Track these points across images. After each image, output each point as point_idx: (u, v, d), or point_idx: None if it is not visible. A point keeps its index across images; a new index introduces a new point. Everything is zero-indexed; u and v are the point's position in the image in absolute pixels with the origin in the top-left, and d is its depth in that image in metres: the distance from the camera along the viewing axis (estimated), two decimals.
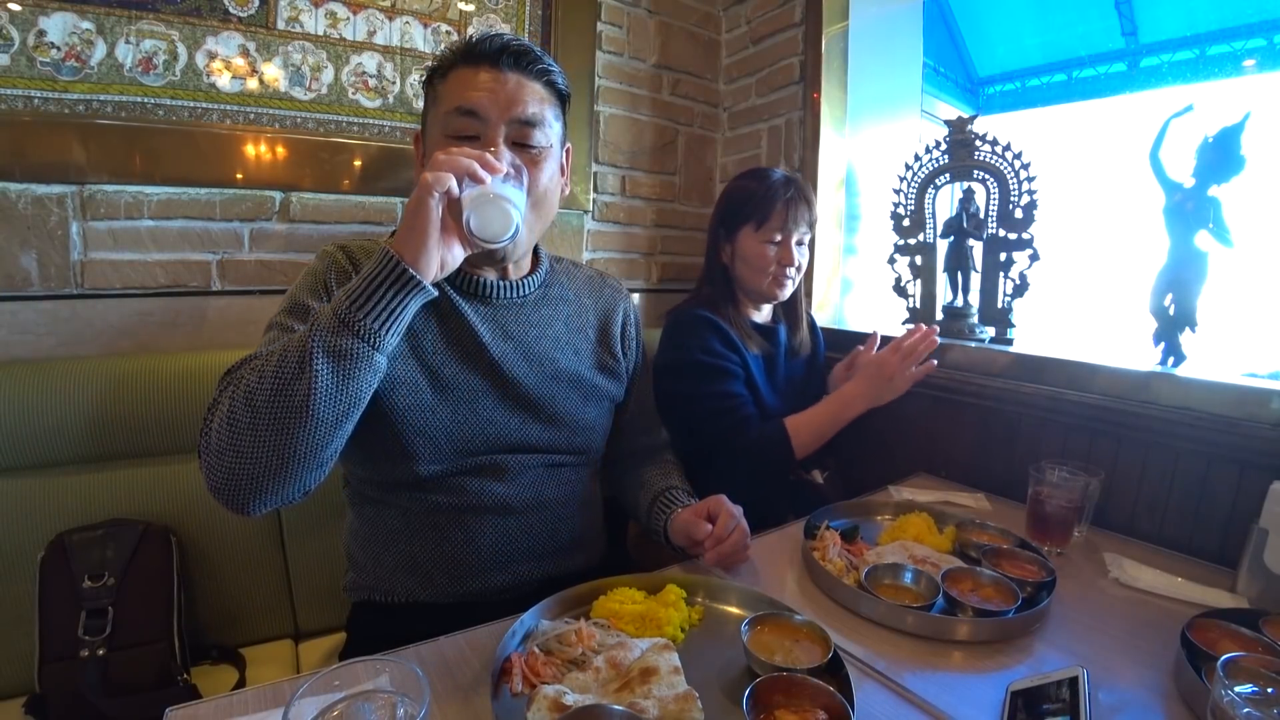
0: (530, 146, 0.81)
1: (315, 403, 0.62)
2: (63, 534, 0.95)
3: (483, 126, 0.78)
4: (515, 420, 0.87)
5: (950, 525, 0.96)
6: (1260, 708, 0.50)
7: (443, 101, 0.80)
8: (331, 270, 0.80)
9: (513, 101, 0.79)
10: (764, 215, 1.24)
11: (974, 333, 1.37)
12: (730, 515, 0.84)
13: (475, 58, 0.79)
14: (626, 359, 1.03)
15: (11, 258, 1.06)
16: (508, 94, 0.79)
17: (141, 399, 1.03)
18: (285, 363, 0.63)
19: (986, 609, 0.74)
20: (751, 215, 1.26)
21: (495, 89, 0.78)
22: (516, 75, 0.80)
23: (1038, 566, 0.83)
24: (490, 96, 0.78)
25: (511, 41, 0.80)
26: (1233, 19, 1.60)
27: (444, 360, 0.83)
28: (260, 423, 0.62)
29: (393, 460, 0.82)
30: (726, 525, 0.83)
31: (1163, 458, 0.95)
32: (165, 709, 0.56)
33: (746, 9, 1.78)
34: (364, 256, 0.82)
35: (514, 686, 0.60)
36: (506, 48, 0.80)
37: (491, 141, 0.78)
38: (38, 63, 1.04)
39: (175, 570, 0.99)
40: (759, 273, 1.27)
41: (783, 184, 1.26)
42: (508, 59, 0.80)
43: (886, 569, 0.82)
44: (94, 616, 0.91)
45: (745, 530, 0.85)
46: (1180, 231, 1.05)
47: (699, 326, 1.23)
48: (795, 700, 0.55)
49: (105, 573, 0.94)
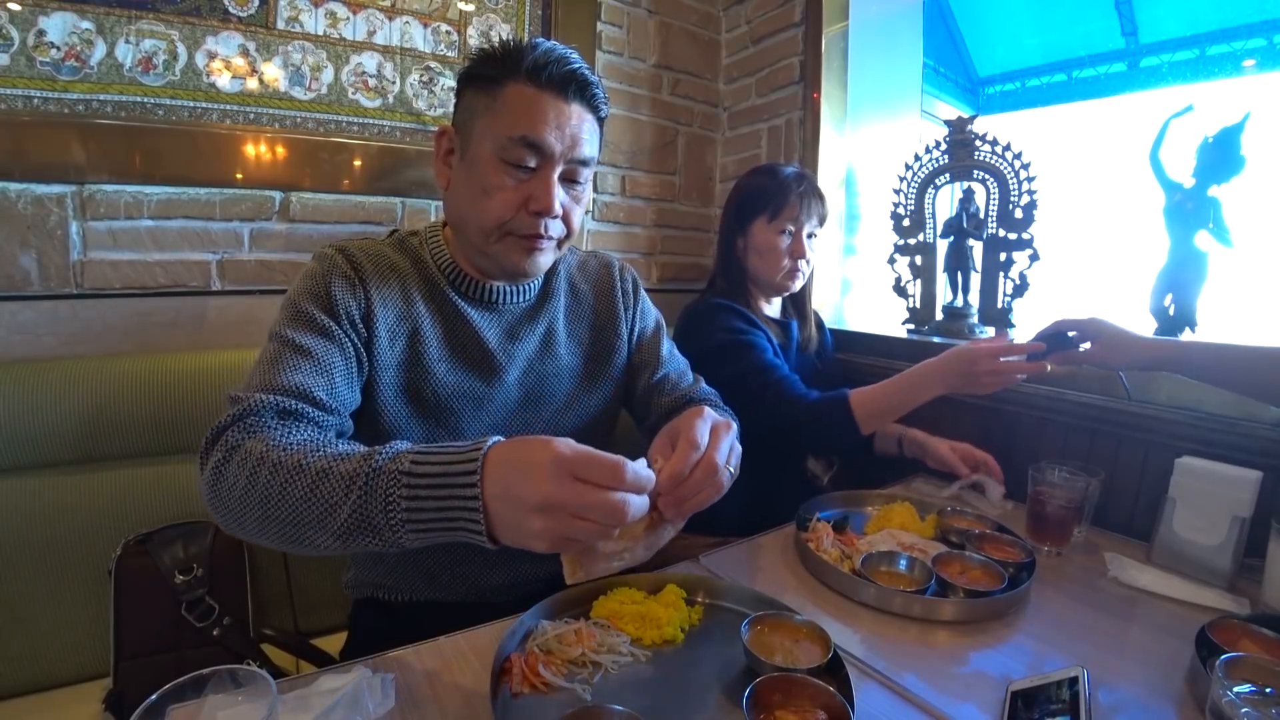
0: (577, 183, 0.80)
1: (324, 547, 0.58)
2: (140, 537, 0.99)
3: (541, 160, 0.75)
4: (518, 422, 0.87)
5: (932, 513, 1.00)
6: (1259, 708, 0.50)
7: (501, 118, 0.74)
8: (332, 274, 0.76)
9: (575, 141, 0.76)
10: (778, 207, 1.25)
11: (974, 333, 1.37)
12: (690, 444, 0.61)
13: (541, 81, 0.74)
14: (628, 314, 0.98)
15: (11, 258, 1.06)
16: (572, 131, 0.76)
17: (141, 399, 1.03)
18: (312, 496, 0.56)
19: (976, 590, 0.79)
20: (765, 207, 1.27)
21: (561, 123, 0.75)
22: (579, 107, 0.77)
23: (1017, 549, 0.89)
24: (557, 133, 0.75)
25: (578, 70, 0.76)
26: (1233, 19, 1.60)
27: (449, 368, 0.82)
28: (270, 529, 0.58)
29: None
30: (683, 460, 0.60)
31: (1163, 457, 0.95)
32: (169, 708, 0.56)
33: (746, 9, 1.78)
34: (364, 258, 0.79)
35: (514, 686, 0.60)
36: (574, 76, 0.75)
37: (546, 180, 0.76)
38: (37, 62, 1.04)
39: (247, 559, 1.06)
40: (771, 264, 1.27)
41: (795, 178, 1.27)
42: (574, 89, 0.76)
43: (882, 556, 0.86)
44: (194, 606, 0.97)
45: (712, 464, 0.62)
46: (1180, 231, 1.05)
47: (716, 312, 1.23)
48: (795, 700, 0.55)
49: (194, 565, 0.99)
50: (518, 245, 0.78)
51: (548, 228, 0.78)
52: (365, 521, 0.54)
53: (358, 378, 0.75)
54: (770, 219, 1.26)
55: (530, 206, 0.76)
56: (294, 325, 0.72)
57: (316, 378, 0.68)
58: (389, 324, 0.78)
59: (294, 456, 0.57)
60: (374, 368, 0.77)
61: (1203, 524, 0.87)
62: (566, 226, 0.81)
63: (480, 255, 0.81)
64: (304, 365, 0.69)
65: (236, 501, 0.59)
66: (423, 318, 0.81)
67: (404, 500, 0.52)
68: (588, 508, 0.49)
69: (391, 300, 0.79)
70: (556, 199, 0.76)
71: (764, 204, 1.27)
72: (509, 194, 0.75)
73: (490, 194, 0.75)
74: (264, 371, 0.68)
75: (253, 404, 0.63)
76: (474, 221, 0.78)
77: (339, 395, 0.70)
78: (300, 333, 0.71)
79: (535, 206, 0.75)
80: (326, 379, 0.69)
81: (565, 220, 0.80)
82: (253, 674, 0.47)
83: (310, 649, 0.96)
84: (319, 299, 0.74)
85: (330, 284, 0.75)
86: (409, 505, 0.52)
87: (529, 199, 0.76)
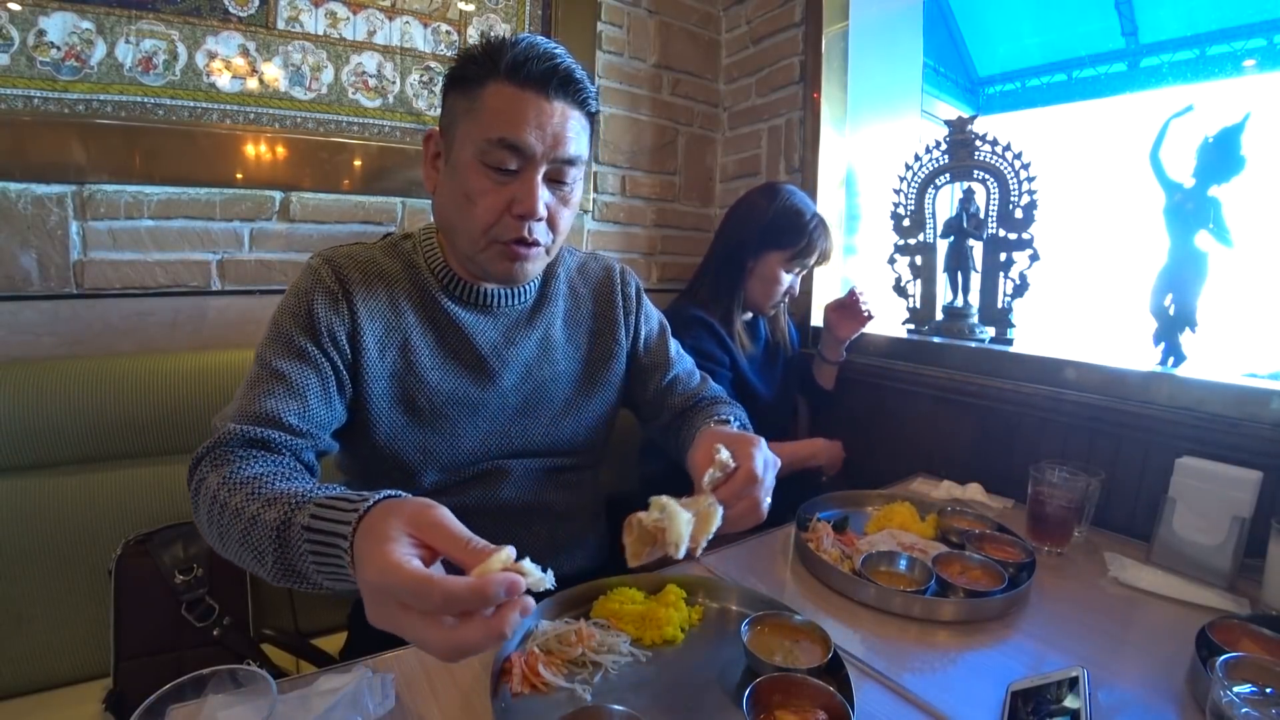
0: (564, 183, 0.77)
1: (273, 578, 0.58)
2: (140, 537, 0.99)
3: (522, 161, 0.73)
4: (516, 428, 0.86)
5: (932, 513, 1.00)
6: (1259, 708, 0.50)
7: (481, 120, 0.73)
8: (315, 291, 0.76)
9: (558, 140, 0.73)
10: (799, 251, 1.31)
11: (974, 333, 1.37)
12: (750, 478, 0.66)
13: (520, 79, 0.72)
14: (629, 320, 0.97)
15: (11, 258, 1.06)
16: (554, 129, 0.73)
17: (141, 399, 1.03)
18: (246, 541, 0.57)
19: (976, 590, 0.78)
20: (788, 245, 1.31)
21: (542, 122, 0.72)
22: (563, 104, 0.74)
23: (1017, 549, 0.89)
24: (538, 132, 0.72)
25: (560, 64, 0.73)
26: (1233, 19, 1.60)
27: (442, 376, 0.81)
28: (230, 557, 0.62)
29: (392, 478, 0.82)
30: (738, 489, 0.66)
31: (1163, 458, 0.95)
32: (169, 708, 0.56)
33: (746, 9, 1.78)
34: (352, 268, 0.78)
35: (514, 686, 0.60)
36: (555, 72, 0.72)
37: (528, 181, 0.73)
38: (38, 62, 1.04)
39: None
40: (769, 294, 1.35)
41: (816, 222, 1.33)
42: (556, 85, 0.73)
43: (882, 556, 0.86)
44: (194, 606, 0.98)
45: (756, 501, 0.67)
46: (1180, 231, 1.05)
47: (693, 326, 1.26)
48: (795, 700, 0.55)
49: (194, 565, 0.99)
50: (503, 253, 0.76)
51: (532, 230, 0.76)
52: (290, 569, 0.56)
53: (339, 396, 0.75)
54: (788, 258, 1.32)
55: (513, 209, 0.74)
56: (273, 347, 0.74)
57: (289, 402, 0.70)
58: (377, 336, 0.78)
59: (236, 498, 0.59)
60: (364, 380, 0.77)
61: (1203, 524, 0.87)
62: (552, 230, 0.79)
63: (469, 262, 0.80)
64: (278, 390, 0.70)
65: (204, 530, 0.64)
66: (413, 327, 0.80)
67: (311, 555, 0.53)
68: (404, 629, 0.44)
69: (379, 312, 0.78)
70: (540, 201, 0.74)
71: (788, 242, 1.31)
72: (491, 198, 0.74)
73: (473, 200, 0.74)
74: (241, 397, 0.71)
75: (224, 434, 0.66)
76: (461, 228, 0.77)
77: (313, 417, 0.72)
78: (278, 356, 0.73)
79: (518, 209, 0.74)
80: (299, 403, 0.71)
81: (551, 223, 0.78)
82: (253, 674, 0.47)
83: (310, 649, 0.96)
84: (299, 318, 0.75)
85: (313, 303, 0.75)
86: (315, 561, 0.53)
87: (512, 202, 0.74)
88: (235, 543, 0.59)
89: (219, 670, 0.47)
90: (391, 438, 0.79)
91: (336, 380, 0.75)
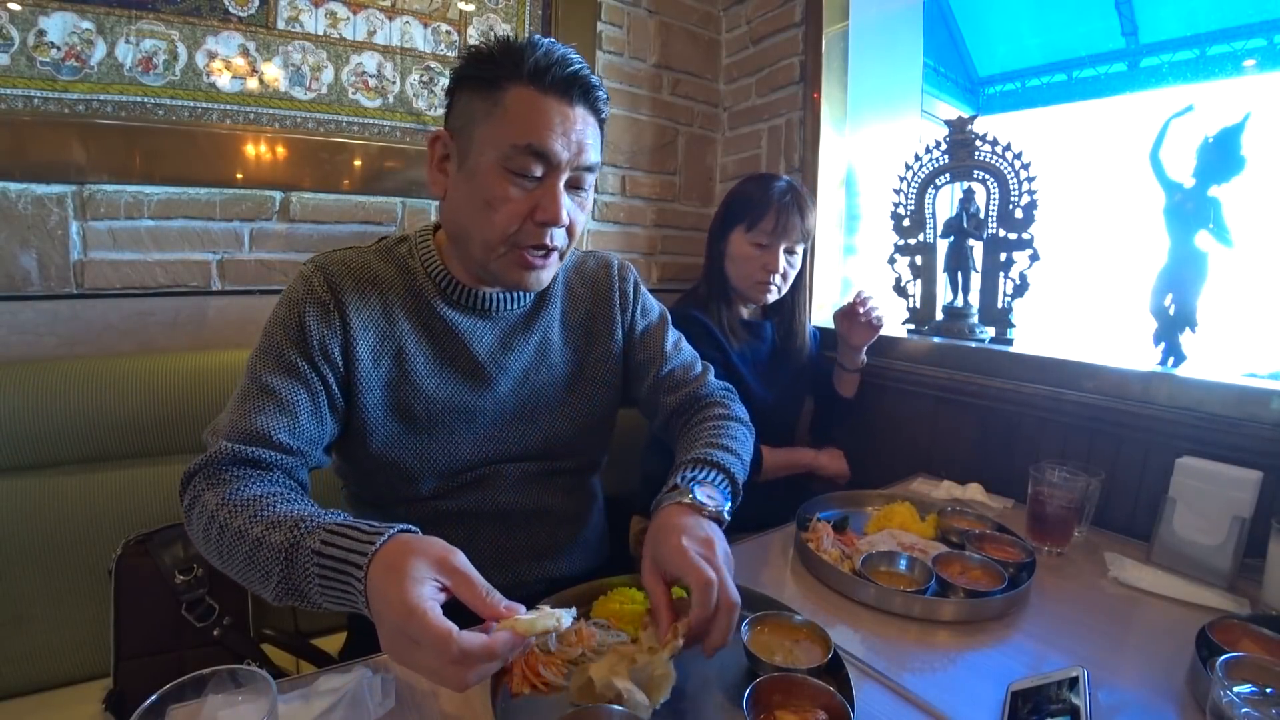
0: (582, 189, 0.77)
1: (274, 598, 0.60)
2: (140, 537, 0.99)
3: (547, 169, 0.73)
4: (513, 432, 0.86)
5: (932, 513, 0.99)
6: (1259, 708, 0.50)
7: (504, 125, 0.71)
8: (306, 302, 0.74)
9: (581, 147, 0.73)
10: (754, 219, 1.27)
11: (974, 333, 1.37)
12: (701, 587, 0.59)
13: (544, 84, 0.71)
14: (625, 316, 0.96)
15: (11, 258, 1.06)
16: (577, 137, 0.73)
17: (141, 399, 1.03)
18: (250, 562, 0.59)
19: (976, 590, 0.78)
20: (743, 217, 1.29)
21: (567, 130, 0.72)
22: (583, 112, 0.74)
23: (1017, 549, 0.89)
24: (564, 140, 0.72)
25: (581, 71, 0.73)
26: (1233, 19, 1.60)
27: (438, 384, 0.80)
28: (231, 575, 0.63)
29: (391, 484, 0.82)
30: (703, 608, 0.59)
31: (1163, 458, 0.95)
32: (169, 708, 0.56)
33: (746, 9, 1.78)
34: (344, 276, 0.77)
35: (514, 686, 0.60)
36: (577, 79, 0.72)
37: (552, 189, 0.73)
38: (38, 62, 1.04)
39: None
40: (744, 273, 1.30)
41: (780, 192, 1.27)
42: (579, 92, 0.73)
43: (881, 556, 0.86)
44: (194, 606, 0.97)
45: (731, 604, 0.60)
46: (1180, 231, 1.05)
47: (688, 326, 1.25)
48: (795, 700, 0.55)
49: (194, 565, 0.99)
50: (519, 261, 0.75)
51: (553, 238, 0.75)
52: (294, 590, 0.57)
53: (330, 411, 0.75)
54: (747, 229, 1.28)
55: (536, 217, 0.73)
56: (264, 360, 0.74)
57: (279, 419, 0.70)
58: (371, 346, 0.77)
59: (238, 520, 0.60)
60: (358, 391, 0.76)
61: (1203, 524, 0.87)
62: (569, 236, 0.78)
63: (479, 268, 0.79)
64: (268, 406, 0.70)
65: (200, 546, 0.65)
66: (407, 334, 0.79)
67: (318, 579, 0.55)
68: (417, 666, 0.50)
69: (372, 321, 0.77)
70: (564, 209, 0.74)
71: (743, 213, 1.29)
72: (514, 205, 0.72)
73: (494, 206, 0.72)
74: (232, 411, 0.71)
75: (216, 453, 0.66)
76: (477, 235, 0.75)
77: (303, 433, 0.72)
78: (268, 370, 0.73)
79: (542, 217, 0.73)
80: (290, 419, 0.71)
81: (568, 229, 0.77)
82: (253, 674, 0.47)
83: (310, 649, 0.96)
84: (290, 330, 0.74)
85: (304, 315, 0.74)
86: (322, 584, 0.55)
87: (535, 209, 0.73)
88: (240, 563, 0.59)
89: (219, 670, 0.47)
90: (388, 446, 0.79)
91: (327, 395, 0.74)
